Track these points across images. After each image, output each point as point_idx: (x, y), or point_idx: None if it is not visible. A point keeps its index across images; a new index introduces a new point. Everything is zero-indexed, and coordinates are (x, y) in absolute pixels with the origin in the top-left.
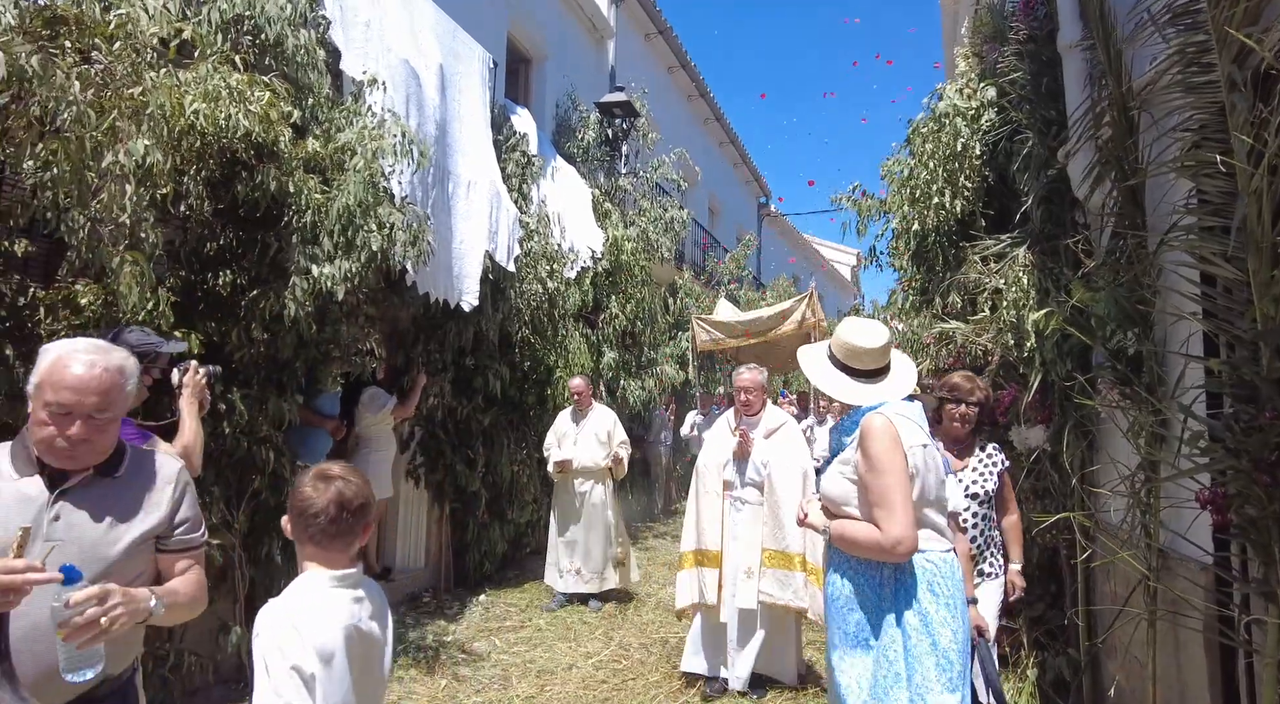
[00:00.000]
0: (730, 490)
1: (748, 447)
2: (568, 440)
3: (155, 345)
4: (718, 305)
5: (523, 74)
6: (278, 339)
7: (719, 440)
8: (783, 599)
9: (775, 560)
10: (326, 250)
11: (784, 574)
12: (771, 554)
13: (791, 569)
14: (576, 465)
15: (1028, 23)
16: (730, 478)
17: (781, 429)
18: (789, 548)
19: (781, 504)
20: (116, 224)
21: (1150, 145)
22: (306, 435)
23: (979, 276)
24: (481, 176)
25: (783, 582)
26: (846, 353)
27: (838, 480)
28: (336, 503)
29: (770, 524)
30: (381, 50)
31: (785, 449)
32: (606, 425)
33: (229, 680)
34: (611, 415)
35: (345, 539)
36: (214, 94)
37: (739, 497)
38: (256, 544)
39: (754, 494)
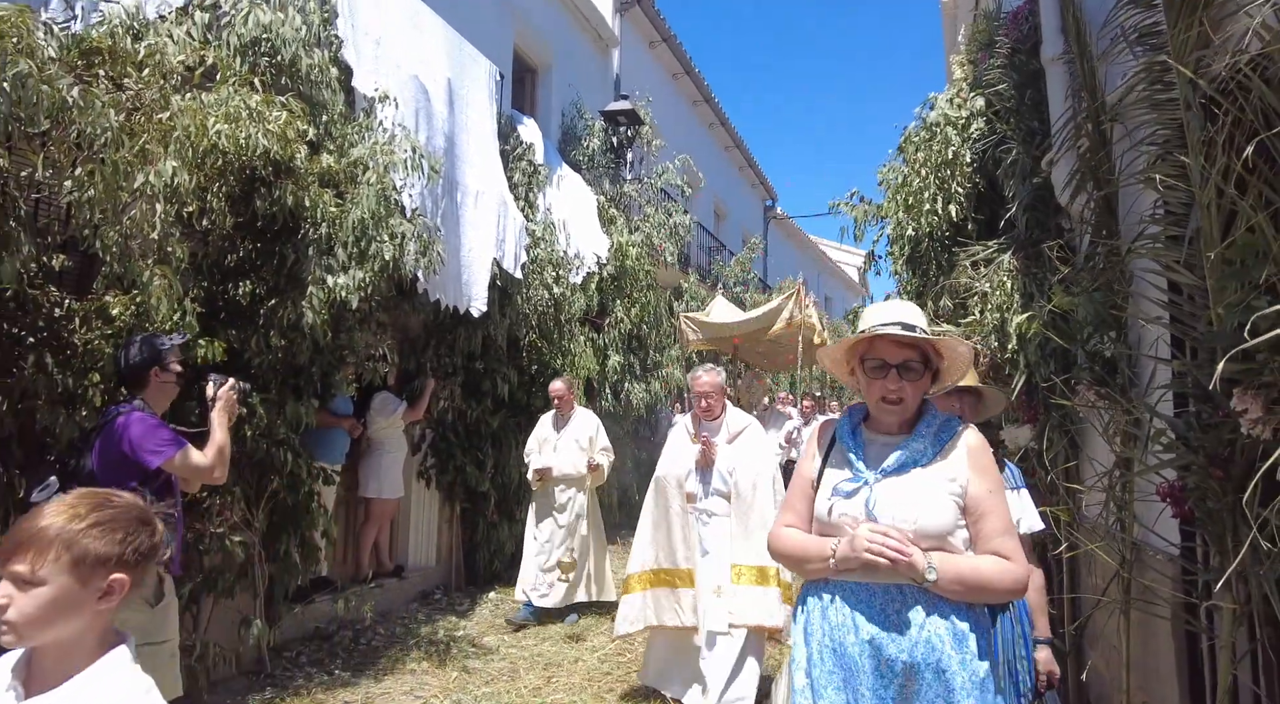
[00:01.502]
0: (694, 503)
1: (711, 454)
2: (548, 446)
3: (162, 343)
4: (714, 302)
5: (529, 83)
6: (294, 346)
7: (678, 449)
8: (755, 619)
9: (747, 576)
10: (341, 261)
11: (755, 590)
12: (742, 570)
13: (765, 584)
14: (556, 473)
15: (1014, 35)
16: (693, 489)
17: (745, 432)
18: (761, 560)
19: (750, 513)
20: (146, 240)
21: (1122, 156)
22: (325, 436)
23: (968, 281)
24: (489, 187)
25: (755, 600)
26: None
27: (942, 505)
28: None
29: (740, 537)
30: (391, 67)
31: (751, 454)
32: (589, 431)
33: (249, 672)
34: (594, 420)
35: None
36: (235, 115)
37: (704, 509)
38: (274, 542)
39: (720, 505)
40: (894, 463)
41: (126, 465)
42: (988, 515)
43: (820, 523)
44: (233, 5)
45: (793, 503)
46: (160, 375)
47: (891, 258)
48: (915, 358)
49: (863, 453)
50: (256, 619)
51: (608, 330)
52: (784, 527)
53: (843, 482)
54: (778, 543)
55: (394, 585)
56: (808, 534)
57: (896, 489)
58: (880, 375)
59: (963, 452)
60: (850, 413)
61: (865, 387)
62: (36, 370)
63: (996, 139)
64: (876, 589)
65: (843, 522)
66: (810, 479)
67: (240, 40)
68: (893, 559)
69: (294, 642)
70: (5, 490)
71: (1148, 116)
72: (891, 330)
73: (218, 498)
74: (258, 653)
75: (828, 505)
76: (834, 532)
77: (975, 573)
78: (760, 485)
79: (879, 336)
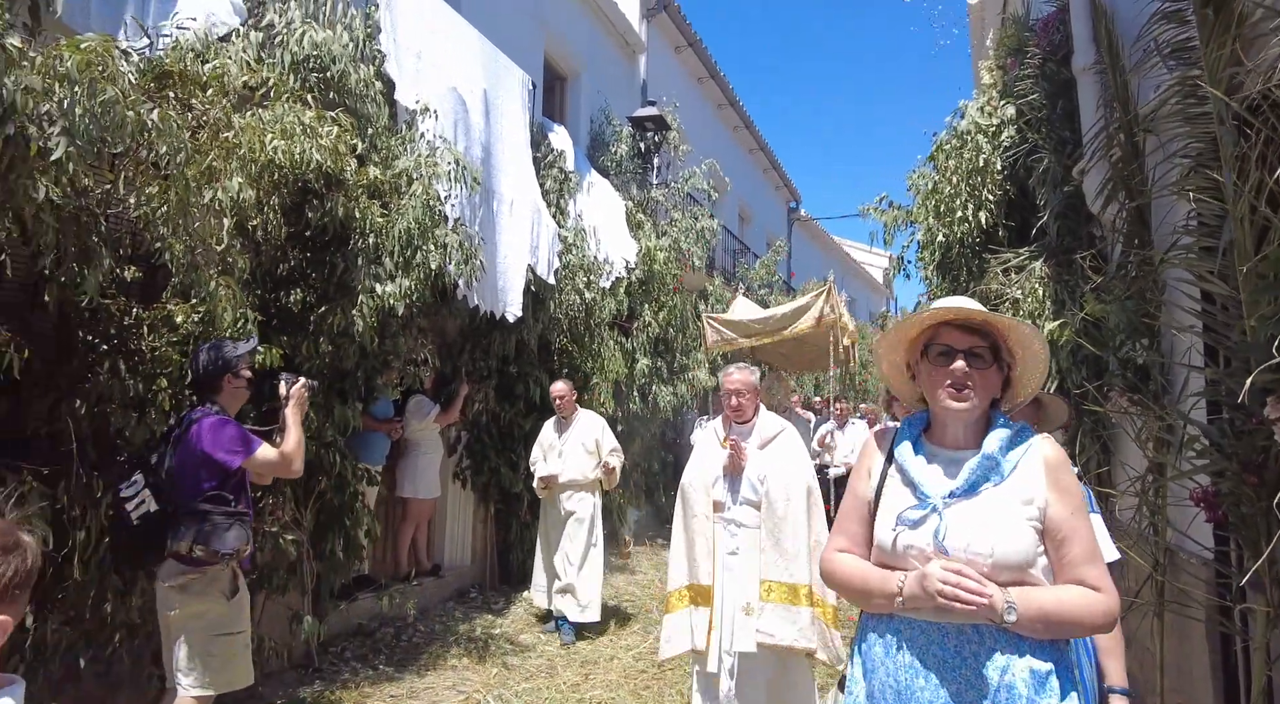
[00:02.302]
0: (721, 512)
1: (740, 460)
2: (553, 453)
3: (234, 349)
4: (735, 302)
5: (558, 91)
6: (341, 351)
7: (706, 454)
8: (786, 639)
9: (777, 593)
10: (388, 269)
11: (788, 609)
12: (772, 586)
13: (797, 603)
14: (563, 479)
15: (1044, 45)
16: (721, 498)
17: (779, 438)
18: (793, 578)
19: (783, 526)
20: (209, 251)
21: (1155, 168)
22: (366, 439)
23: (999, 287)
24: (523, 194)
25: (786, 618)
26: None
27: (1020, 532)
28: None
29: (770, 551)
30: (431, 79)
31: (784, 461)
32: (594, 433)
33: (298, 666)
34: (599, 421)
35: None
36: (290, 131)
37: (732, 519)
38: (321, 541)
39: (750, 516)
40: (963, 483)
41: (206, 466)
42: (1070, 540)
43: (883, 553)
44: (285, 25)
45: (846, 526)
46: (233, 381)
47: (922, 263)
48: (983, 346)
49: (927, 470)
50: (307, 615)
51: (636, 334)
52: (837, 551)
53: (908, 509)
54: (833, 571)
55: (431, 584)
56: (865, 563)
57: (968, 514)
58: (946, 362)
59: (1039, 467)
60: (909, 423)
61: (928, 381)
62: (111, 376)
63: (1028, 148)
64: (949, 629)
65: (909, 555)
66: (866, 500)
67: (293, 58)
68: (969, 602)
69: (339, 637)
70: (84, 490)
71: (1181, 129)
72: (960, 301)
73: (270, 498)
74: (306, 648)
75: (891, 536)
76: (899, 564)
77: (1059, 608)
78: (794, 496)
79: (944, 323)
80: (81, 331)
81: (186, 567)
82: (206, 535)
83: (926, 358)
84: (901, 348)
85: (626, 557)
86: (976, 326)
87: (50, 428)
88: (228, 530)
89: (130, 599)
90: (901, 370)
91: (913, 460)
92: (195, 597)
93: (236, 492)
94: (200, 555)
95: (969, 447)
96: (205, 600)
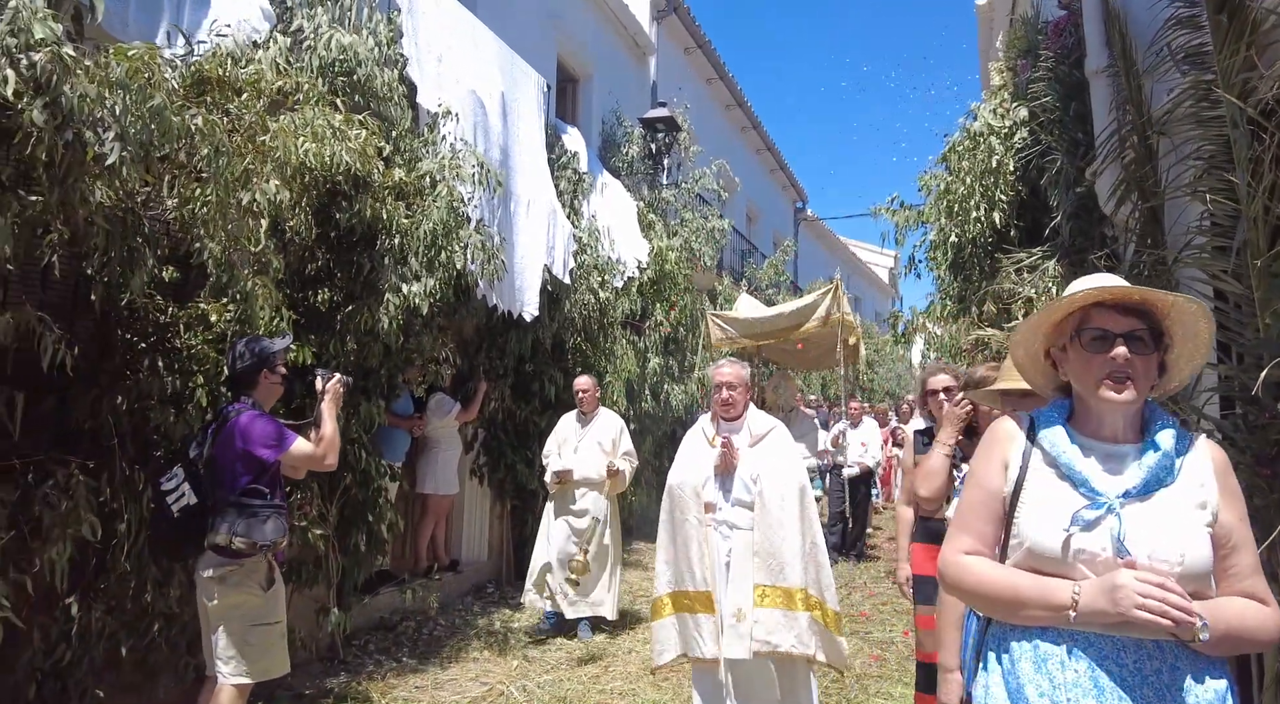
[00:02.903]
0: (714, 514)
1: (732, 459)
2: (568, 448)
3: (271, 345)
4: (739, 300)
5: (570, 93)
6: (365, 349)
7: (695, 453)
8: (784, 645)
9: (772, 598)
10: (414, 269)
11: (783, 614)
12: (766, 591)
13: (792, 608)
14: (577, 476)
15: (1056, 47)
16: (712, 498)
17: (770, 435)
18: (788, 581)
19: (777, 528)
20: (244, 252)
21: (1169, 170)
22: (388, 435)
23: (1012, 286)
24: (539, 195)
25: (782, 624)
26: None
27: (1201, 539)
28: None
29: (764, 554)
30: (451, 82)
31: (777, 459)
32: (611, 433)
33: (324, 658)
34: (618, 422)
35: None
36: (320, 134)
37: (725, 521)
38: (345, 536)
39: (743, 517)
40: (1139, 482)
41: (244, 460)
42: (1240, 548)
43: (1039, 558)
44: (314, 30)
45: (972, 523)
46: (269, 377)
47: (933, 262)
48: (1142, 328)
49: (1089, 464)
50: (333, 607)
51: (648, 333)
52: (964, 554)
53: (1083, 508)
54: (964, 577)
55: (450, 579)
56: (1009, 568)
57: (1147, 517)
58: (1102, 348)
59: (1207, 468)
60: (1051, 411)
61: (1080, 370)
62: (150, 373)
63: (1040, 149)
64: (1126, 644)
65: (1079, 561)
66: (1001, 494)
67: (321, 62)
68: (1177, 620)
69: (362, 631)
70: (125, 482)
71: (1194, 132)
72: (1112, 278)
73: (298, 493)
74: (331, 640)
75: (1061, 537)
76: (1062, 571)
77: (1241, 624)
78: (788, 496)
79: (1095, 304)
80: (120, 330)
81: (225, 558)
82: (246, 527)
83: (1078, 344)
84: (1042, 334)
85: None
86: (1134, 306)
87: (93, 423)
88: (265, 522)
89: (168, 589)
90: (1038, 359)
91: (1072, 451)
92: (233, 588)
93: (272, 485)
94: (240, 547)
95: (1128, 440)
96: (243, 591)
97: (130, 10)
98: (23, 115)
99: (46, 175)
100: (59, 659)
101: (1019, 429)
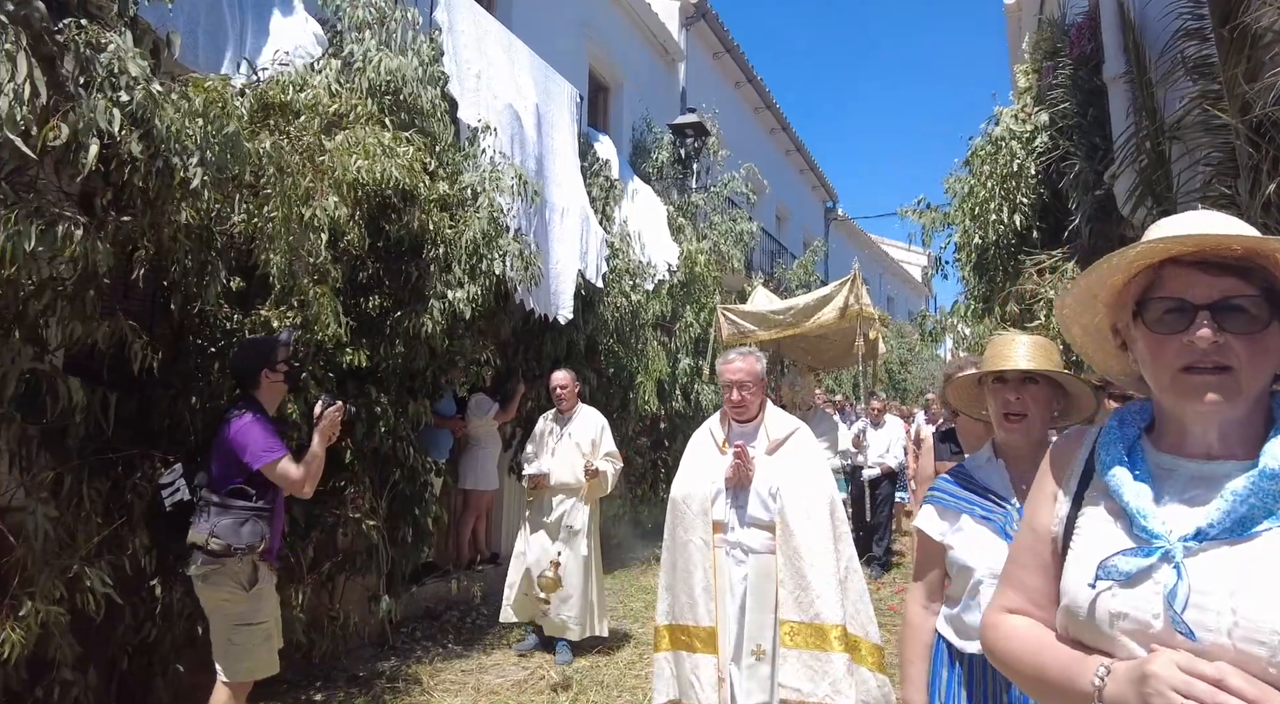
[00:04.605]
0: (724, 534)
1: (747, 470)
2: (545, 451)
3: (270, 345)
4: (753, 293)
5: (601, 101)
6: (412, 352)
7: (701, 461)
8: (816, 694)
9: (800, 637)
10: (457, 277)
11: (814, 656)
12: (794, 627)
13: (826, 648)
14: (553, 481)
15: (1075, 54)
16: (723, 517)
17: (791, 440)
18: (820, 617)
19: (803, 552)
20: (305, 263)
21: (1180, 174)
22: (432, 435)
23: (1034, 287)
24: (573, 203)
25: (813, 668)
26: None
27: None
28: None
29: (790, 584)
30: (489, 97)
31: (800, 469)
32: (591, 433)
33: (375, 643)
34: (600, 420)
35: None
36: (372, 152)
37: (739, 543)
38: (394, 528)
39: (761, 539)
40: (1222, 515)
41: (233, 462)
42: None
43: (1077, 621)
44: (363, 55)
45: (1017, 574)
46: (270, 376)
47: (959, 263)
48: (1246, 292)
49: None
50: (384, 596)
51: (678, 334)
52: (1004, 612)
53: (1119, 554)
54: (996, 644)
55: (490, 571)
56: (1045, 634)
57: (1231, 568)
58: (1177, 327)
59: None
60: (1121, 420)
61: (1149, 356)
62: (220, 375)
63: (1060, 154)
64: None
65: (1119, 630)
66: (1052, 534)
67: (370, 83)
68: None
69: (408, 619)
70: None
71: (1203, 139)
72: (1197, 221)
73: (352, 486)
74: (380, 627)
75: (1090, 595)
76: (1098, 642)
77: None
78: (816, 513)
79: (1170, 260)
80: (191, 336)
81: (206, 557)
82: (223, 528)
83: (1142, 320)
84: (1101, 303)
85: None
86: (1232, 262)
87: (170, 420)
88: (243, 524)
89: None
90: (1105, 336)
91: (1125, 476)
92: (214, 587)
93: (261, 488)
94: (215, 547)
95: (1230, 456)
96: (223, 591)
97: (199, 41)
98: (122, 146)
99: (140, 199)
100: (145, 635)
101: (1076, 446)
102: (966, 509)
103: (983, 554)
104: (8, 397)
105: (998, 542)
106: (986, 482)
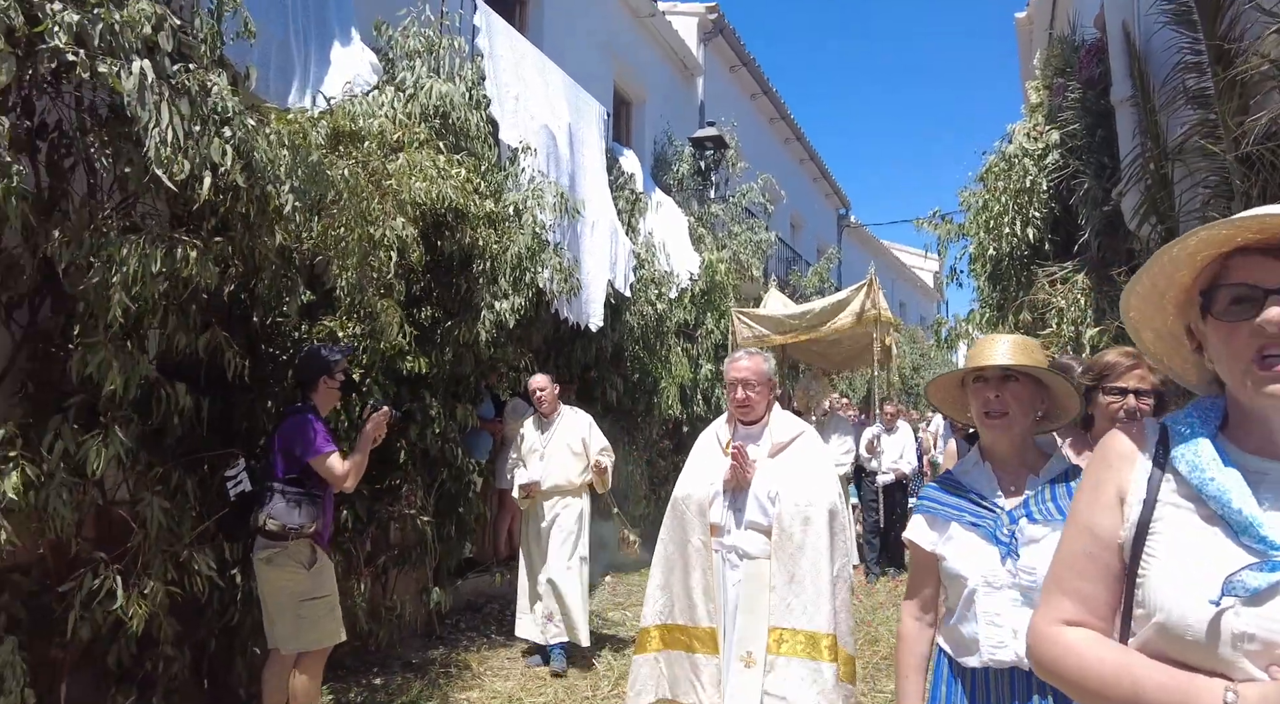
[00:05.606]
0: (721, 537)
1: (746, 472)
2: (534, 457)
3: (331, 355)
4: (767, 296)
5: (625, 116)
6: (459, 359)
7: (705, 462)
8: (806, 702)
9: (792, 645)
10: (503, 288)
11: (806, 665)
12: (785, 635)
13: (817, 658)
14: (547, 485)
15: (1084, 77)
16: (719, 519)
17: (795, 443)
18: (813, 625)
19: (799, 559)
20: (370, 278)
21: (1181, 195)
22: (473, 437)
23: (1046, 297)
24: (602, 216)
25: (806, 678)
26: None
27: None
28: None
29: (783, 590)
30: (527, 119)
31: (802, 473)
32: (580, 432)
33: (423, 634)
34: (586, 419)
35: None
36: (429, 175)
37: (733, 547)
38: (440, 524)
39: (756, 543)
40: None
41: (286, 455)
42: None
43: (1183, 643)
44: (415, 82)
45: (1070, 581)
46: (328, 382)
47: (973, 274)
48: None
49: (1253, 498)
50: (433, 587)
51: (700, 341)
52: (1059, 624)
53: (1245, 569)
54: (1061, 659)
55: None
56: (1128, 652)
57: None
58: (1247, 314)
59: None
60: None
61: (1223, 350)
62: (292, 382)
63: (1070, 171)
64: None
65: (1241, 651)
66: (1115, 542)
67: (422, 108)
68: None
69: (453, 611)
70: None
71: (1201, 163)
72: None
73: (405, 485)
74: (428, 617)
75: (1209, 613)
76: (1220, 666)
77: None
78: (814, 519)
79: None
80: (265, 345)
81: (269, 541)
82: (280, 512)
83: (1211, 312)
84: (1170, 303)
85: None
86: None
87: (249, 423)
88: (298, 506)
89: None
90: (1180, 340)
91: (1228, 478)
92: (278, 568)
93: (313, 479)
94: (273, 528)
95: None
96: (287, 571)
97: (271, 72)
98: (228, 177)
99: (241, 223)
100: (229, 619)
101: (1141, 445)
102: (955, 517)
103: (974, 563)
104: (130, 400)
105: (988, 548)
106: (973, 485)
